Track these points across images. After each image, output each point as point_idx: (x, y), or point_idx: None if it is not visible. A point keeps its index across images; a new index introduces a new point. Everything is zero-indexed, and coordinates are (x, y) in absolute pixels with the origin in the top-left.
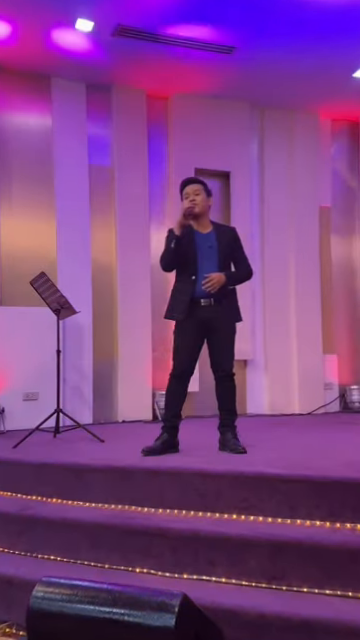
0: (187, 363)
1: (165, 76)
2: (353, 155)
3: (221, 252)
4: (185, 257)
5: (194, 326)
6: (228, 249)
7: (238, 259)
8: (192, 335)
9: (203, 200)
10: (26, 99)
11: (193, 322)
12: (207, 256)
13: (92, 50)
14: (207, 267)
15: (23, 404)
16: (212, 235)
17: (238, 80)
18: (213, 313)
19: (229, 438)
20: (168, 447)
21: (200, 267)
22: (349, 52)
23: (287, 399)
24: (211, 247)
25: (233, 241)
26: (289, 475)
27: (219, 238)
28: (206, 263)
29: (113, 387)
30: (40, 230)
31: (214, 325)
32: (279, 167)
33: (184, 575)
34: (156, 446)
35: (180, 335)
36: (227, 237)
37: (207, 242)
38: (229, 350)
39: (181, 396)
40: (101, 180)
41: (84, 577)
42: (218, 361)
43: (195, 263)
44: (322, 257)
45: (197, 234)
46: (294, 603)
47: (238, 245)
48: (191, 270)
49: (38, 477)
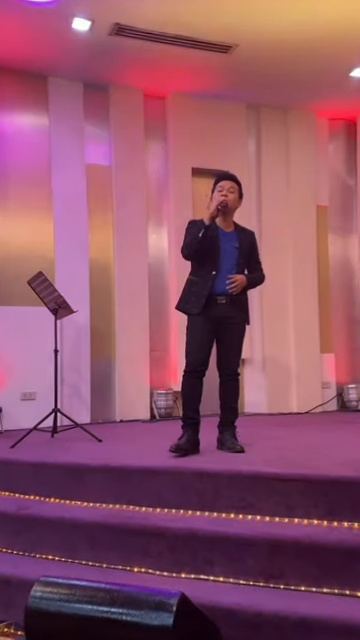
0: (201, 359)
1: (162, 75)
2: (350, 154)
3: (242, 254)
4: (207, 251)
5: (208, 322)
6: (247, 252)
7: (254, 263)
8: (206, 331)
9: (235, 200)
10: (23, 99)
11: (208, 318)
12: (229, 255)
13: (89, 49)
14: (228, 266)
15: (21, 404)
16: (234, 235)
17: (235, 79)
18: (228, 311)
19: (227, 437)
20: (194, 445)
21: (222, 264)
22: (346, 51)
23: (285, 398)
24: (234, 247)
25: (252, 244)
26: (287, 474)
27: (241, 240)
28: (227, 261)
29: (111, 387)
30: (37, 230)
31: (227, 323)
32: (276, 166)
33: (182, 574)
34: (184, 444)
35: (194, 330)
36: (248, 240)
37: (230, 241)
38: (238, 350)
39: (198, 392)
40: (98, 180)
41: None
42: (226, 360)
43: (217, 259)
44: (319, 256)
45: (220, 231)
46: (291, 602)
47: (255, 249)
48: (212, 266)
49: (36, 477)
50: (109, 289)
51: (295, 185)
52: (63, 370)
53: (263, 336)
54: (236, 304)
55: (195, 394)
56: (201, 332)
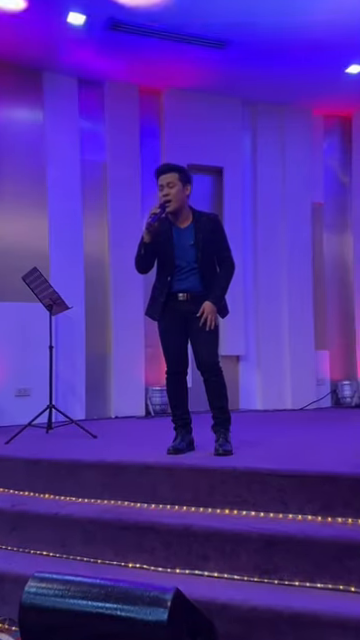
0: (177, 360)
1: (158, 71)
2: (345, 151)
3: (200, 249)
4: (163, 254)
5: (174, 321)
6: (208, 243)
7: (218, 250)
8: (175, 331)
9: (178, 192)
10: (17, 94)
11: (173, 318)
12: (185, 255)
13: (84, 44)
14: (184, 265)
15: (15, 400)
16: (190, 230)
17: (230, 76)
18: (190, 306)
19: (216, 438)
20: (189, 444)
21: (178, 268)
22: (342, 48)
23: (279, 395)
24: (189, 245)
25: (213, 232)
26: (281, 470)
27: (197, 232)
28: (183, 261)
29: (106, 383)
30: (32, 225)
31: (191, 319)
32: (272, 163)
33: (177, 570)
34: (181, 444)
35: (163, 334)
36: (206, 229)
37: (185, 238)
38: (209, 344)
39: (182, 392)
40: (94, 175)
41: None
42: (198, 356)
43: (172, 262)
44: (314, 253)
45: (175, 230)
46: (285, 597)
47: (219, 236)
48: (168, 270)
49: (30, 473)
50: (104, 285)
51: (290, 182)
52: (58, 366)
53: (258, 333)
54: (198, 299)
55: (178, 395)
56: (169, 333)
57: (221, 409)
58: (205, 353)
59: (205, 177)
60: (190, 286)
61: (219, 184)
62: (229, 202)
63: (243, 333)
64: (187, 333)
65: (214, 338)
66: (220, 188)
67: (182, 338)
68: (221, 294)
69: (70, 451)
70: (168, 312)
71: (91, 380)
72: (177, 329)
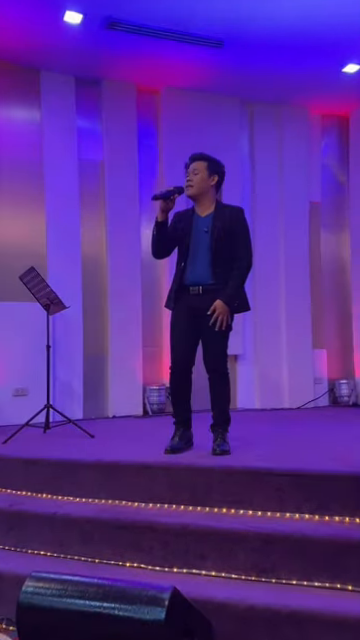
0: (182, 355)
1: (155, 70)
2: (343, 150)
3: (214, 237)
4: (180, 242)
5: (184, 315)
6: (223, 233)
7: (236, 245)
8: (183, 325)
9: (202, 180)
10: (15, 92)
11: (183, 311)
12: (200, 242)
13: (81, 43)
14: (199, 254)
15: (13, 400)
16: (210, 218)
17: (228, 75)
18: (201, 302)
19: (214, 439)
20: (187, 442)
21: (192, 253)
22: (338, 47)
23: (277, 394)
24: (206, 232)
25: (231, 223)
26: (278, 469)
27: (215, 220)
28: (198, 249)
29: (103, 382)
30: (29, 225)
31: (202, 315)
32: (269, 162)
33: (174, 569)
34: (178, 443)
35: (172, 325)
36: (225, 219)
37: (202, 226)
38: (216, 344)
39: (185, 389)
40: (91, 174)
41: (74, 572)
42: (205, 355)
43: (187, 249)
44: (312, 252)
45: (196, 217)
46: (283, 596)
47: (239, 229)
48: (183, 256)
49: (28, 472)
50: (102, 284)
51: (288, 181)
52: (55, 366)
53: (255, 332)
54: (211, 294)
55: (180, 391)
56: (179, 326)
57: (221, 410)
58: (212, 354)
59: None
60: (202, 277)
61: None
62: (227, 201)
63: (241, 332)
64: (197, 330)
65: (224, 340)
66: None
67: (190, 335)
68: (234, 293)
69: (67, 451)
70: (179, 305)
71: (89, 380)
72: (185, 325)
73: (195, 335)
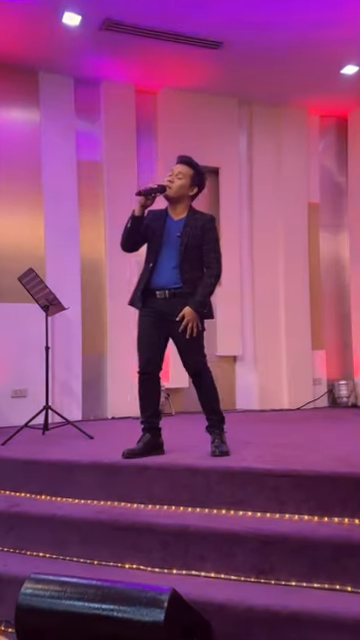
0: (147, 359)
1: (154, 71)
2: (341, 151)
3: (184, 242)
4: (151, 242)
5: (152, 318)
6: (194, 240)
7: (205, 252)
8: (150, 328)
9: (182, 187)
10: (13, 93)
11: (150, 314)
12: (171, 245)
13: (79, 44)
14: (168, 257)
15: (12, 401)
16: (182, 222)
17: (226, 75)
18: (168, 307)
19: (212, 439)
20: (151, 448)
21: (161, 255)
22: (337, 48)
23: (276, 394)
24: (178, 236)
25: (202, 230)
26: (278, 470)
27: (187, 227)
28: (168, 252)
29: (102, 383)
30: (28, 226)
31: (170, 321)
32: (268, 163)
33: (173, 570)
34: (138, 448)
35: (139, 328)
36: (197, 226)
37: (175, 230)
38: (192, 348)
39: (153, 394)
40: (90, 176)
41: (73, 573)
42: (183, 361)
43: (157, 250)
44: (311, 253)
45: (169, 220)
46: (282, 597)
47: (209, 236)
48: (152, 257)
49: (27, 474)
50: (100, 285)
51: (286, 182)
52: (54, 367)
53: (255, 333)
54: (178, 298)
55: (145, 397)
56: (144, 330)
57: (212, 410)
58: (189, 358)
59: None
60: (169, 281)
61: (215, 184)
62: (225, 202)
63: (240, 333)
64: (164, 334)
65: (199, 342)
66: (216, 188)
67: (157, 339)
68: (203, 300)
69: (66, 452)
70: (146, 309)
71: (88, 381)
72: (152, 329)
73: (163, 339)
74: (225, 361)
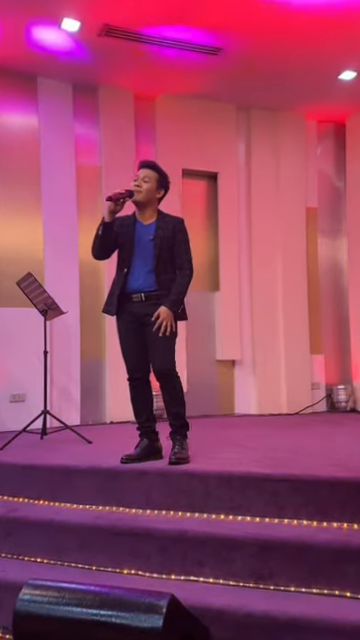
0: (132, 364)
1: (152, 77)
2: (339, 156)
3: (158, 246)
4: (123, 247)
5: (128, 323)
6: (166, 242)
7: (177, 253)
8: (128, 333)
9: (150, 190)
10: (12, 99)
11: (126, 319)
12: (143, 249)
13: (78, 50)
14: (141, 261)
15: (10, 405)
16: (152, 227)
17: (224, 81)
18: (144, 309)
19: (172, 446)
20: (149, 453)
21: (134, 260)
22: (335, 54)
23: (275, 399)
24: (148, 239)
25: (174, 232)
26: (276, 475)
27: (158, 229)
28: (141, 256)
29: (101, 388)
30: (27, 230)
31: (145, 323)
32: (266, 168)
33: (172, 576)
34: (136, 453)
35: (119, 334)
36: (167, 228)
37: (146, 234)
38: (164, 350)
39: (145, 398)
40: (88, 180)
41: (71, 579)
42: (153, 362)
43: (130, 255)
44: (309, 257)
45: (139, 225)
46: (281, 602)
47: (179, 239)
48: (125, 262)
49: (25, 479)
50: (99, 290)
51: (285, 186)
52: (53, 371)
53: (253, 337)
54: (153, 300)
55: (137, 402)
56: (125, 336)
57: (176, 415)
58: (159, 360)
59: (200, 182)
60: (144, 285)
61: (214, 189)
62: (224, 207)
63: (238, 337)
64: (144, 337)
65: (170, 344)
66: (215, 193)
67: (138, 342)
68: (177, 299)
69: (64, 457)
70: (123, 314)
71: (86, 385)
72: (133, 333)
73: (144, 342)
74: (224, 365)
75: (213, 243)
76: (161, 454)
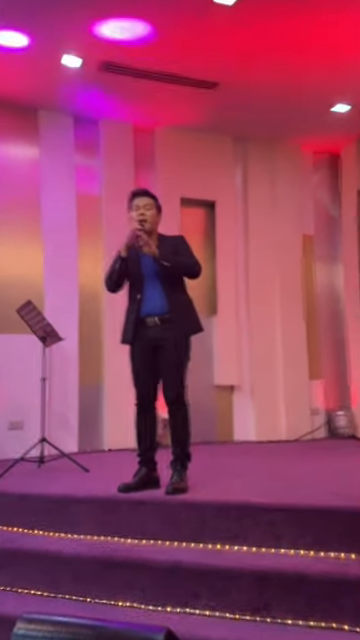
0: (144, 389)
1: (151, 110)
2: (334, 185)
3: (165, 269)
4: (131, 276)
5: (143, 348)
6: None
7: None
8: (143, 358)
9: (153, 216)
10: (13, 131)
11: (141, 344)
12: (151, 274)
13: (79, 84)
14: (151, 285)
15: (8, 433)
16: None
17: (221, 114)
18: (158, 333)
19: (171, 475)
20: (146, 483)
21: (146, 285)
22: (327, 87)
23: (274, 425)
24: (154, 262)
25: (176, 247)
26: (273, 504)
27: (161, 249)
28: (150, 281)
29: (99, 415)
30: (27, 258)
31: (159, 346)
32: (263, 196)
33: (168, 608)
34: (133, 482)
35: (132, 360)
36: (169, 246)
37: (151, 261)
38: (174, 373)
39: (149, 426)
40: (89, 209)
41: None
42: (164, 388)
43: (141, 281)
44: (306, 283)
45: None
46: (278, 635)
47: (182, 249)
48: (137, 289)
49: (21, 508)
50: (98, 316)
51: (281, 215)
52: (51, 398)
53: (252, 363)
54: (167, 324)
55: (141, 428)
56: (138, 362)
57: (180, 443)
58: (170, 385)
59: (198, 210)
60: (157, 308)
61: (211, 217)
62: (221, 234)
63: (237, 363)
64: (156, 362)
65: (182, 370)
66: (212, 221)
67: (151, 368)
68: (172, 259)
69: (61, 486)
70: (138, 339)
71: (84, 412)
72: (146, 358)
73: (156, 367)
74: (222, 390)
75: (211, 269)
76: (159, 484)
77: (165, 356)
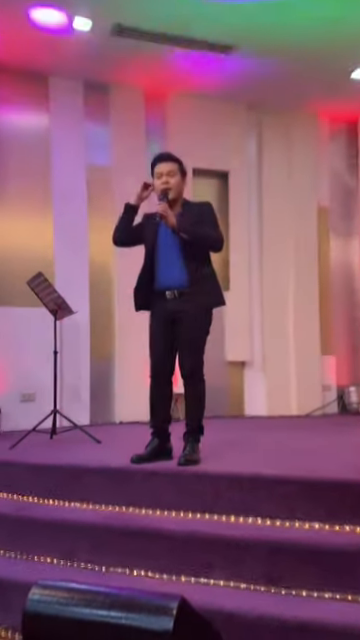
0: (160, 361)
1: (163, 76)
2: (351, 155)
3: (182, 238)
4: (149, 246)
5: (161, 321)
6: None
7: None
8: (160, 331)
9: (178, 184)
10: (23, 98)
11: (160, 315)
12: (170, 244)
13: (90, 49)
14: (171, 256)
15: (20, 405)
16: (177, 217)
17: (236, 80)
18: (176, 306)
19: (184, 447)
20: (159, 454)
21: (163, 256)
22: (347, 53)
23: (285, 401)
24: (173, 231)
25: (199, 216)
26: (288, 477)
27: (182, 216)
28: (169, 252)
29: (110, 388)
30: (37, 230)
31: (179, 318)
32: (278, 167)
33: (182, 577)
34: (146, 453)
35: (150, 330)
36: (193, 216)
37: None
38: (191, 347)
39: (164, 398)
40: (99, 179)
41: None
42: (181, 362)
43: (157, 252)
44: (320, 257)
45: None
46: (292, 606)
47: (207, 219)
48: (152, 259)
49: (35, 478)
50: (109, 289)
51: (296, 185)
52: (63, 371)
53: (263, 338)
54: (186, 297)
55: (159, 401)
56: (155, 333)
57: (195, 418)
58: (187, 360)
59: (211, 181)
60: (176, 282)
61: (224, 188)
62: (235, 205)
63: (248, 338)
64: (175, 335)
65: (200, 344)
66: (226, 192)
67: (168, 341)
68: (191, 229)
69: (74, 457)
70: (157, 312)
71: (96, 385)
72: (164, 330)
73: (173, 340)
74: (233, 366)
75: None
76: (171, 455)
77: (183, 330)
